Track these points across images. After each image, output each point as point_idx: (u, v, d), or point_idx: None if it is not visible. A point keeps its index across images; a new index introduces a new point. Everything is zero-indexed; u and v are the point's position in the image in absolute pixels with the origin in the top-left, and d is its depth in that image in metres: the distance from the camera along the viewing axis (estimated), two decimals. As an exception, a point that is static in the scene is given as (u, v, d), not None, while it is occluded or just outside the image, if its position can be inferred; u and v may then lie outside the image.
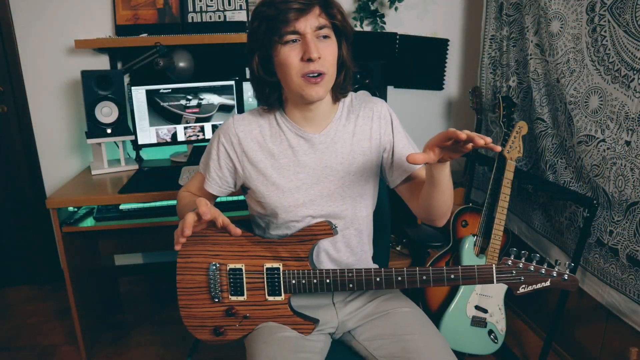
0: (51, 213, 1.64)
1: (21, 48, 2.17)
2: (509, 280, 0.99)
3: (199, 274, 1.11)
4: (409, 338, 1.06)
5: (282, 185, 1.09)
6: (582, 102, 1.58)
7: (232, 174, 1.15)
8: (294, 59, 0.98)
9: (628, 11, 1.37)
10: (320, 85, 1.00)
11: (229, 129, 1.13)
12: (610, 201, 1.48)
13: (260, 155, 1.11)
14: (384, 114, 1.15)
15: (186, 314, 1.13)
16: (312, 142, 1.10)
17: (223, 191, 1.19)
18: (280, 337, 1.05)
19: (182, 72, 2.08)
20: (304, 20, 0.96)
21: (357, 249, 1.17)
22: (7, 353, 1.97)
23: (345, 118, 1.13)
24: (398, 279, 1.03)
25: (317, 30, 0.98)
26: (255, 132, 1.12)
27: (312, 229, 1.07)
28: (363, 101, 1.16)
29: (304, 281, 1.07)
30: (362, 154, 1.12)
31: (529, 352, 1.93)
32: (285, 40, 0.98)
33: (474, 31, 2.42)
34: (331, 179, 1.10)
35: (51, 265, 2.50)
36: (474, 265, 1.00)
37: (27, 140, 2.29)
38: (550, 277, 0.98)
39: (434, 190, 0.99)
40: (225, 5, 2.20)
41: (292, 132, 1.10)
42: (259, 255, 1.09)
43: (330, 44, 1.01)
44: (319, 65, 0.98)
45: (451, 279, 1.01)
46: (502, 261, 0.99)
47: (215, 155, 1.14)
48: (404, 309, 1.15)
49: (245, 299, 1.10)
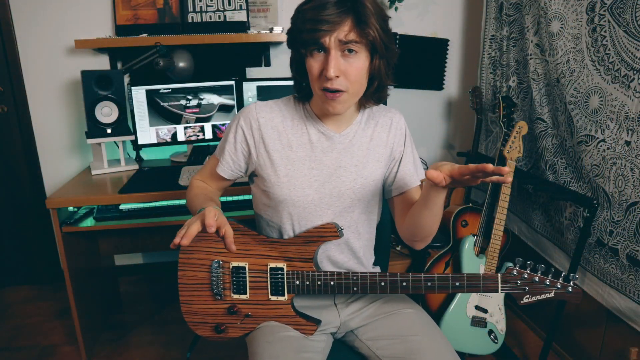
0: (51, 213, 1.64)
1: (21, 48, 2.17)
2: (513, 290, 1.00)
3: (202, 271, 1.11)
4: (413, 339, 1.06)
5: (295, 178, 1.09)
6: (582, 102, 1.58)
7: (245, 159, 1.14)
8: (315, 71, 0.98)
9: (628, 11, 1.37)
10: (338, 102, 0.99)
11: (250, 113, 1.11)
12: (610, 201, 1.48)
13: (277, 144, 1.10)
14: (400, 126, 1.17)
15: (187, 309, 1.13)
16: (332, 140, 1.10)
17: (234, 175, 1.18)
18: (283, 337, 1.05)
19: (182, 72, 2.08)
20: (329, 34, 0.94)
21: (359, 252, 1.17)
22: (7, 353, 1.97)
23: (365, 122, 1.13)
24: (403, 284, 1.03)
25: (343, 44, 0.94)
26: (276, 121, 1.11)
27: (318, 231, 1.07)
28: (383, 110, 1.17)
29: (307, 282, 1.06)
30: (376, 160, 1.13)
31: (529, 352, 1.93)
32: (312, 49, 0.97)
33: (474, 31, 2.43)
34: (343, 180, 1.10)
35: (51, 265, 2.50)
36: (480, 274, 1.01)
37: (27, 140, 2.29)
38: (555, 289, 0.99)
39: (425, 211, 1.01)
40: (225, 5, 2.20)
41: (314, 127, 1.10)
42: (263, 255, 1.09)
43: (356, 60, 0.96)
44: (336, 84, 0.96)
45: (456, 286, 1.02)
46: (507, 271, 1.00)
47: (232, 138, 1.12)
48: (408, 310, 1.15)
49: (248, 298, 1.10)
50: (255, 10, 2.27)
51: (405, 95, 2.48)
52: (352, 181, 1.10)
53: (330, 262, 1.15)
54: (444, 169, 0.88)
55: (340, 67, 0.95)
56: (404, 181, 1.15)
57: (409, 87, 2.46)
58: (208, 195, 1.17)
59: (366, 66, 0.99)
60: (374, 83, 1.03)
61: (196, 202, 1.13)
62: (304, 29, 0.95)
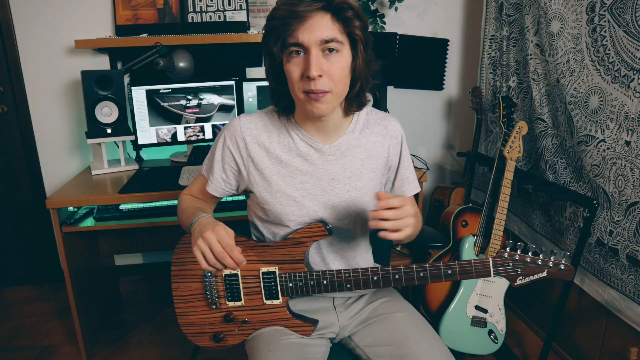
0: (51, 213, 1.64)
1: (21, 48, 2.17)
2: (506, 273, 1.00)
3: (194, 281, 1.10)
4: (409, 344, 1.05)
5: (288, 193, 1.06)
6: (582, 102, 1.58)
7: (236, 177, 1.12)
8: (296, 74, 0.93)
9: (628, 11, 1.37)
10: (322, 102, 0.94)
11: (235, 131, 1.07)
12: (610, 201, 1.48)
13: (266, 161, 1.07)
14: (396, 134, 1.13)
15: (184, 321, 1.12)
16: (321, 152, 1.06)
17: (225, 193, 1.16)
18: (283, 344, 1.05)
19: (182, 72, 2.08)
20: (308, 32, 0.89)
21: (352, 262, 1.16)
22: (7, 353, 1.97)
23: (359, 132, 1.10)
24: (395, 277, 1.03)
25: (324, 44, 0.90)
26: (263, 137, 1.07)
27: (306, 231, 1.06)
28: (379, 118, 1.13)
29: (300, 283, 1.06)
30: (371, 171, 1.10)
31: (529, 352, 1.93)
32: (290, 51, 0.92)
33: (474, 31, 2.43)
34: (337, 192, 1.07)
35: (51, 265, 2.50)
36: (471, 260, 1.00)
37: (27, 140, 2.29)
38: (547, 268, 0.99)
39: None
40: (225, 5, 2.20)
41: (302, 140, 1.06)
42: (254, 260, 1.08)
43: (338, 59, 0.93)
44: (320, 84, 0.92)
45: (448, 274, 1.01)
46: (499, 254, 1.00)
47: (220, 157, 1.10)
48: (402, 313, 1.14)
49: (243, 304, 1.10)
50: (255, 10, 2.27)
51: (405, 95, 2.48)
52: (346, 193, 1.08)
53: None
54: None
55: (322, 67, 0.91)
56: (402, 189, 1.14)
57: (409, 87, 2.46)
58: (197, 206, 1.12)
59: (349, 65, 0.95)
60: (356, 85, 0.99)
61: (186, 215, 1.09)
62: (279, 24, 0.90)
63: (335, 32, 0.91)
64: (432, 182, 2.64)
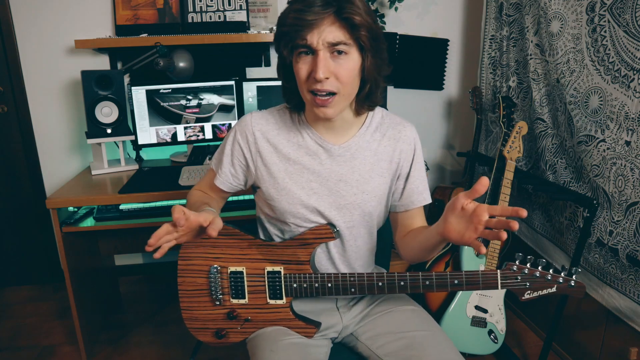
0: (51, 213, 1.64)
1: (21, 48, 2.17)
2: (513, 286, 0.97)
3: (200, 277, 1.11)
4: (412, 334, 1.05)
5: (294, 191, 1.06)
6: (582, 102, 1.58)
7: (244, 172, 1.13)
8: (303, 74, 0.94)
9: (628, 11, 1.37)
10: (328, 106, 0.95)
11: (246, 127, 1.09)
12: (610, 201, 1.48)
13: (274, 157, 1.07)
14: (410, 140, 1.11)
15: (188, 316, 1.13)
16: (330, 152, 1.06)
17: (234, 188, 1.16)
18: (285, 345, 1.05)
19: (182, 72, 2.08)
20: (317, 33, 0.89)
21: (355, 264, 1.15)
22: (7, 353, 1.97)
23: (370, 134, 1.09)
24: (401, 284, 1.02)
25: (332, 46, 0.90)
26: (272, 133, 1.08)
27: (313, 232, 1.06)
28: (393, 121, 1.12)
29: (305, 285, 1.06)
30: (380, 175, 1.09)
31: (529, 352, 1.93)
32: (299, 52, 0.93)
33: (474, 31, 2.43)
34: (343, 194, 1.07)
35: (51, 265, 2.50)
36: (478, 271, 0.99)
37: (27, 140, 2.29)
38: (557, 284, 0.96)
39: (431, 247, 1.01)
40: (225, 5, 2.20)
41: (312, 139, 1.07)
42: (259, 259, 1.08)
43: (346, 61, 0.93)
44: (327, 85, 0.92)
45: (455, 284, 0.99)
46: (507, 267, 0.97)
47: (230, 151, 1.11)
48: (407, 307, 1.14)
49: (247, 302, 1.10)
50: (255, 10, 2.27)
51: (405, 95, 2.48)
52: (353, 196, 1.07)
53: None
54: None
55: (330, 69, 0.92)
56: (410, 199, 1.11)
57: (409, 87, 2.46)
58: (204, 201, 1.13)
59: (357, 67, 0.95)
60: (366, 86, 0.99)
61: (193, 209, 1.09)
62: (289, 30, 0.91)
63: (344, 35, 0.91)
64: (432, 182, 2.64)
